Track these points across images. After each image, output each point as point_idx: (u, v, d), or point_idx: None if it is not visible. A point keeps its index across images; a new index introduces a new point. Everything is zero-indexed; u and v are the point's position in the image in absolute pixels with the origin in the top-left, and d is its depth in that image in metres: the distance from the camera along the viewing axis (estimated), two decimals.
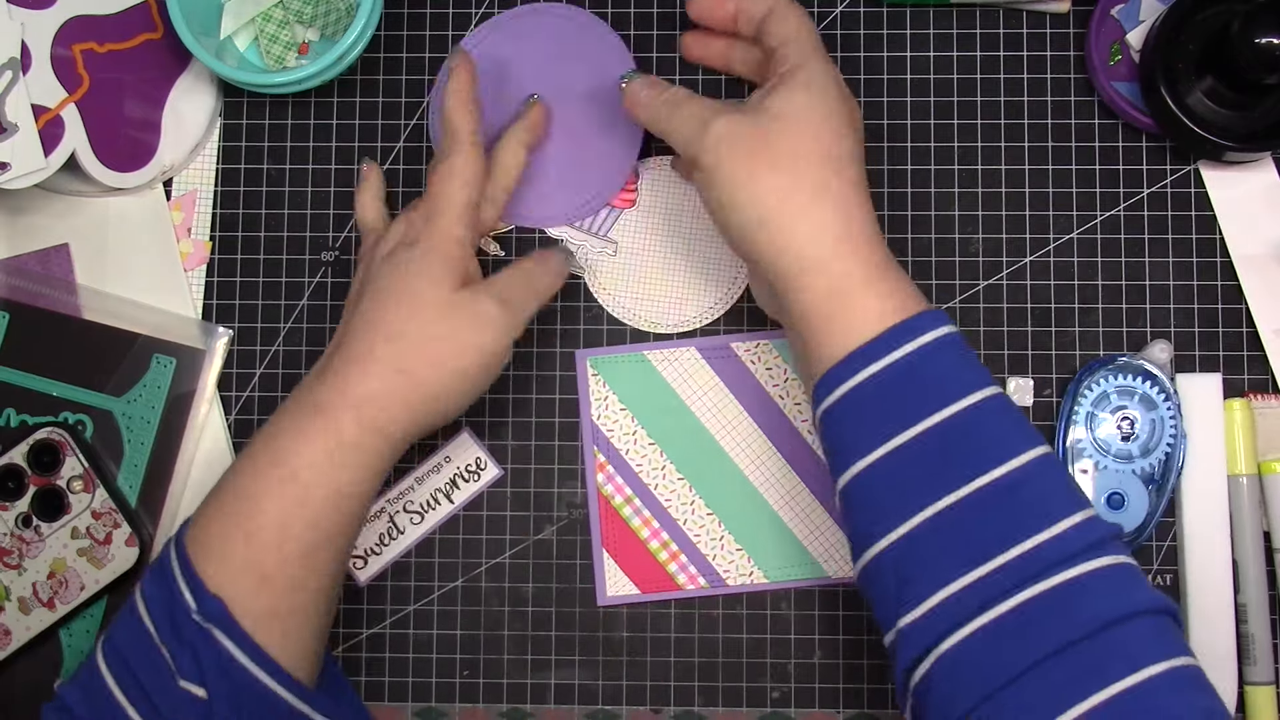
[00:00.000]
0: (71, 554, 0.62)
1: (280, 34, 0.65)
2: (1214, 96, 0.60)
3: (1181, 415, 0.60)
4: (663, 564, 0.63)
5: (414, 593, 0.64)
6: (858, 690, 0.62)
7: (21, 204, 0.65)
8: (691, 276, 0.64)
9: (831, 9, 0.65)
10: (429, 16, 0.66)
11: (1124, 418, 0.61)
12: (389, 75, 0.66)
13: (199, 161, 0.66)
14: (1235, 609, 0.60)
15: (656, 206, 0.65)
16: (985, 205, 0.64)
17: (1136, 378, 0.60)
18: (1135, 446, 0.61)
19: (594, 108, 0.64)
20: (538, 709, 0.63)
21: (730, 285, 0.64)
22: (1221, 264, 0.63)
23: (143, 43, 0.63)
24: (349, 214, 0.66)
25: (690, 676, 0.63)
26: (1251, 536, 0.61)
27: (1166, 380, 0.60)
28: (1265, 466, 0.61)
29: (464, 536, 0.64)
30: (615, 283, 0.65)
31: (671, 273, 0.64)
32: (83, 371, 0.64)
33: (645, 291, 0.64)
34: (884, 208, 0.64)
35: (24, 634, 0.62)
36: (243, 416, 0.65)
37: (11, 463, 0.62)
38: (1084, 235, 0.64)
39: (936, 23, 0.65)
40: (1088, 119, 0.64)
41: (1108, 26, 0.63)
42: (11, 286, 0.65)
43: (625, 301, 0.64)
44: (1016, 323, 0.63)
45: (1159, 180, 0.64)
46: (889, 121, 0.65)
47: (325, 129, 0.66)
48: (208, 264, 0.66)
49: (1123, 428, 0.61)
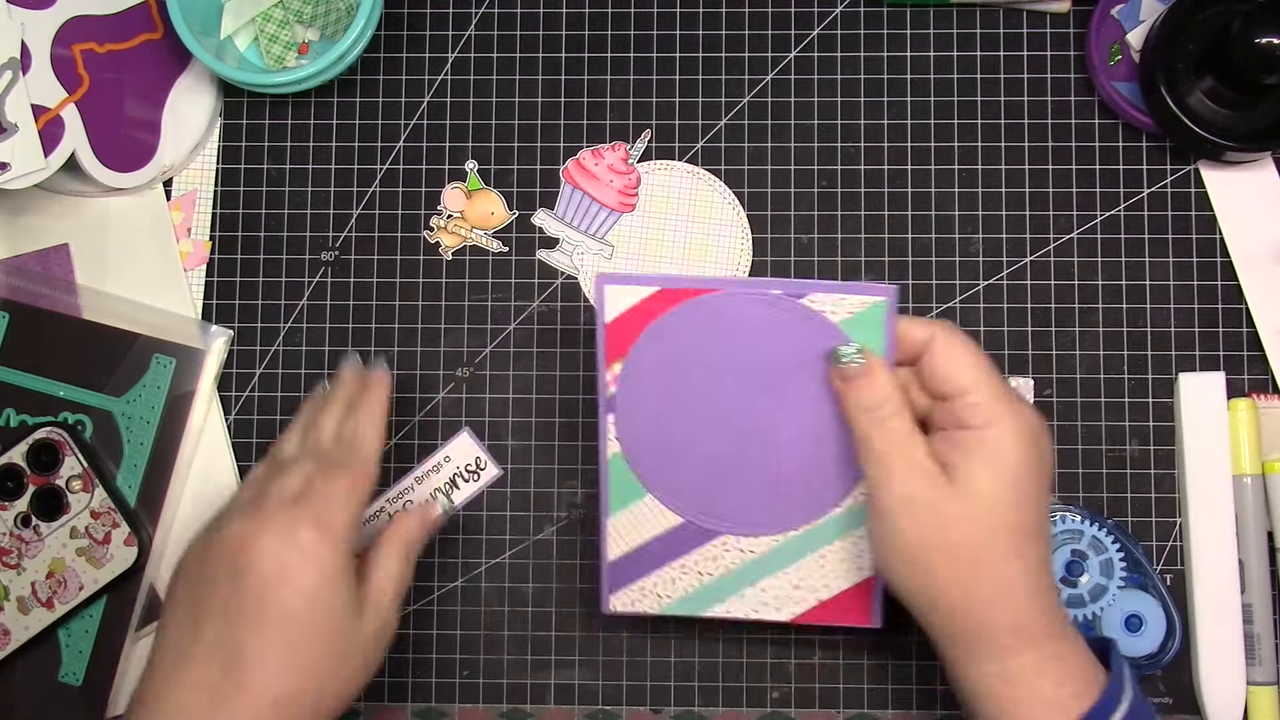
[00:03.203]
0: (70, 554, 0.62)
1: (280, 34, 0.65)
2: (1214, 96, 0.60)
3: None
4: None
5: (414, 593, 0.64)
6: (858, 690, 0.62)
7: (21, 204, 0.65)
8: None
9: (831, 9, 0.65)
10: (429, 16, 0.66)
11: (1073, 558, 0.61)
12: (389, 75, 0.66)
13: (199, 161, 0.66)
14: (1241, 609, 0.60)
15: (654, 211, 0.65)
16: (985, 205, 0.64)
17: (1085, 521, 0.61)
18: (1085, 591, 0.61)
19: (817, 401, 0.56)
20: (538, 709, 0.63)
21: None
22: (1221, 264, 0.63)
23: (143, 43, 0.63)
24: (349, 214, 0.66)
25: (690, 676, 0.63)
26: (1256, 537, 0.61)
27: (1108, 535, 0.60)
28: (1269, 466, 0.61)
29: (464, 536, 0.64)
30: None
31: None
32: (82, 371, 0.64)
33: None
34: (884, 208, 0.64)
35: (23, 634, 0.62)
36: (242, 416, 0.65)
37: (11, 462, 0.62)
38: (1084, 235, 0.64)
39: (936, 23, 0.65)
40: (1088, 119, 0.64)
41: (1108, 26, 0.63)
42: (11, 286, 0.65)
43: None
44: (1016, 323, 0.63)
45: (1159, 180, 0.64)
46: (889, 121, 0.65)
47: (325, 129, 0.66)
48: (208, 264, 0.66)
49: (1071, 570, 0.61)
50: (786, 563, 0.58)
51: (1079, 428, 0.63)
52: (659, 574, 0.59)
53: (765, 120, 0.65)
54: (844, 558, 0.57)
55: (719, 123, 0.65)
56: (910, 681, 0.62)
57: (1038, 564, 0.50)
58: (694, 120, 0.65)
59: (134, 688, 0.52)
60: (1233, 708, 0.60)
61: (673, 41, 0.66)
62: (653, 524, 0.58)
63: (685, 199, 0.65)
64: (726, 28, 0.66)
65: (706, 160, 0.65)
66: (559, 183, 0.65)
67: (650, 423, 0.57)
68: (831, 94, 0.65)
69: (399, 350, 0.65)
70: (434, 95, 0.66)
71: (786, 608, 0.58)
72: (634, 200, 0.65)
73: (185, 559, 0.53)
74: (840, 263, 0.64)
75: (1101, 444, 0.63)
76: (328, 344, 0.65)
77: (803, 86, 0.65)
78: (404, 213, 0.66)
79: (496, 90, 0.66)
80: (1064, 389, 0.63)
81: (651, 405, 0.57)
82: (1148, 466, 0.62)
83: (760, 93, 0.65)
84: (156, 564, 0.63)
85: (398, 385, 0.65)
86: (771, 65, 0.65)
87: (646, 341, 0.56)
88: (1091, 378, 0.63)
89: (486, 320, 0.65)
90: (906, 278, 0.64)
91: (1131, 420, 0.63)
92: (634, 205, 0.65)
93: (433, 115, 0.66)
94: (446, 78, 0.66)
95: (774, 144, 0.65)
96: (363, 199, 0.66)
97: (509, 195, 0.66)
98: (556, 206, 0.65)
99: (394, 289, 0.65)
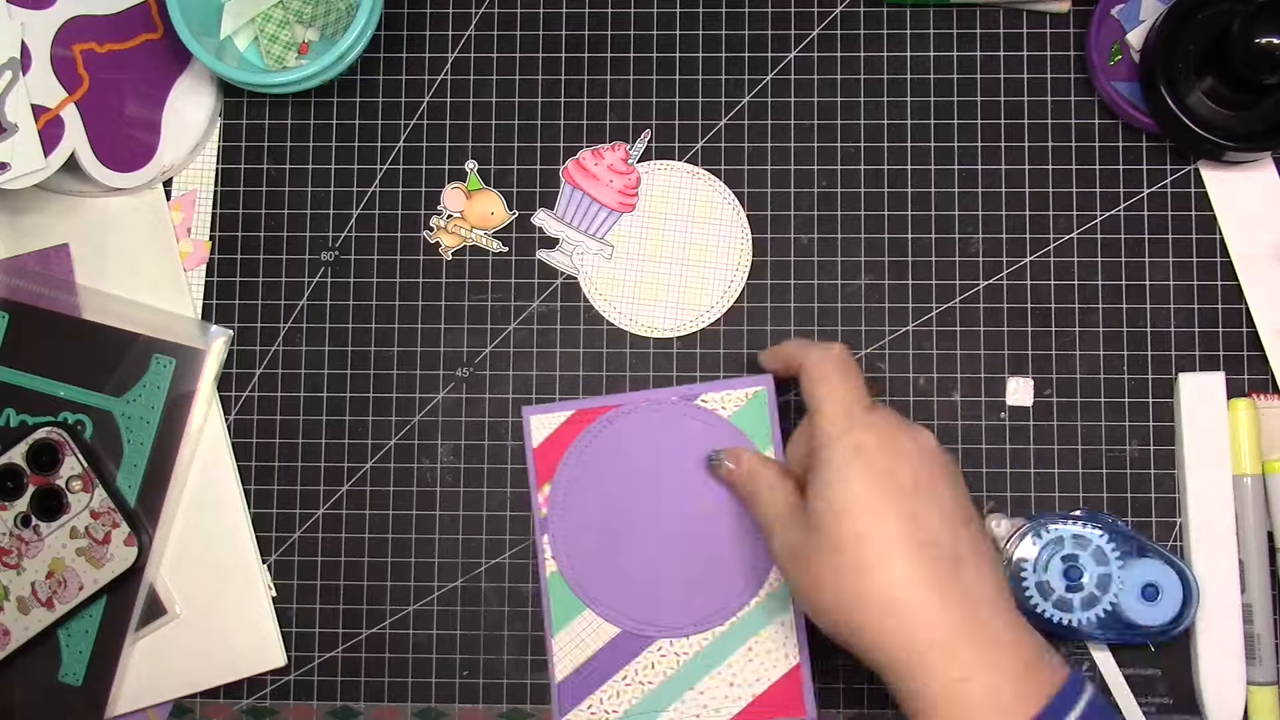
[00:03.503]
0: (70, 554, 0.62)
1: (280, 34, 0.65)
2: (1214, 96, 0.60)
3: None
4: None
5: (414, 593, 0.64)
6: (858, 690, 0.62)
7: (21, 204, 0.65)
8: (689, 281, 0.64)
9: (831, 9, 0.65)
10: (429, 16, 0.66)
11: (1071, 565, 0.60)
12: (389, 75, 0.66)
13: (199, 161, 0.66)
14: (1241, 609, 0.60)
15: (655, 211, 0.65)
16: (985, 205, 0.64)
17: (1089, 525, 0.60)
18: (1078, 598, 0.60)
19: (725, 512, 0.61)
20: (538, 709, 0.63)
21: (726, 289, 0.64)
22: (1221, 264, 0.63)
23: (143, 43, 0.63)
24: (349, 214, 0.66)
25: None
26: (1256, 537, 0.61)
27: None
28: (1269, 466, 0.61)
29: (464, 537, 0.64)
30: (611, 287, 0.65)
31: (668, 277, 0.64)
32: (82, 371, 0.64)
33: (641, 295, 0.64)
34: (884, 208, 0.64)
35: (22, 634, 0.62)
36: (242, 416, 0.65)
37: (11, 462, 0.62)
38: (1084, 235, 0.64)
39: (936, 23, 0.65)
40: (1088, 119, 0.64)
41: (1108, 26, 0.63)
42: (11, 286, 0.65)
43: (620, 306, 0.64)
44: (1016, 323, 0.63)
45: (1159, 180, 0.64)
46: (889, 121, 0.65)
47: (325, 129, 0.66)
48: (208, 264, 0.66)
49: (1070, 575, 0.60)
50: (719, 660, 0.61)
51: (1079, 428, 0.63)
52: (604, 689, 0.61)
53: (765, 120, 0.65)
54: (771, 646, 0.61)
55: (719, 123, 0.65)
56: None
57: (941, 574, 0.48)
58: (694, 120, 0.65)
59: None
60: (1233, 708, 0.60)
61: (673, 41, 0.66)
62: (594, 638, 0.61)
63: (685, 199, 0.65)
64: (726, 28, 0.66)
65: (706, 160, 0.65)
66: (559, 183, 0.65)
67: (580, 538, 0.61)
68: (831, 94, 0.65)
69: (399, 350, 0.65)
70: (434, 95, 0.66)
71: (725, 708, 0.60)
72: (634, 200, 0.65)
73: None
74: (840, 263, 0.64)
75: (1101, 444, 0.63)
76: (328, 344, 0.65)
77: (803, 86, 0.65)
78: (404, 213, 0.66)
79: (496, 90, 0.66)
80: (1064, 389, 0.63)
81: (579, 521, 0.61)
82: (1148, 466, 0.62)
83: (760, 93, 0.65)
84: (156, 564, 0.63)
85: (397, 385, 0.65)
86: (771, 65, 0.65)
87: (568, 462, 0.62)
88: (1091, 378, 0.63)
89: (486, 320, 0.65)
90: (906, 278, 0.64)
91: (1131, 420, 0.63)
92: (634, 205, 0.65)
93: (433, 115, 0.66)
94: (446, 78, 0.66)
95: (774, 144, 0.65)
96: (363, 199, 0.66)
97: (509, 195, 0.66)
98: (556, 206, 0.65)
99: (394, 289, 0.65)
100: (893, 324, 0.64)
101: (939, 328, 0.64)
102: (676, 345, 0.64)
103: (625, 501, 0.62)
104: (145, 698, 0.63)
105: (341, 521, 0.64)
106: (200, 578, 0.64)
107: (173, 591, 0.64)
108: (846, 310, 0.64)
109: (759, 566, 0.61)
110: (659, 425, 0.62)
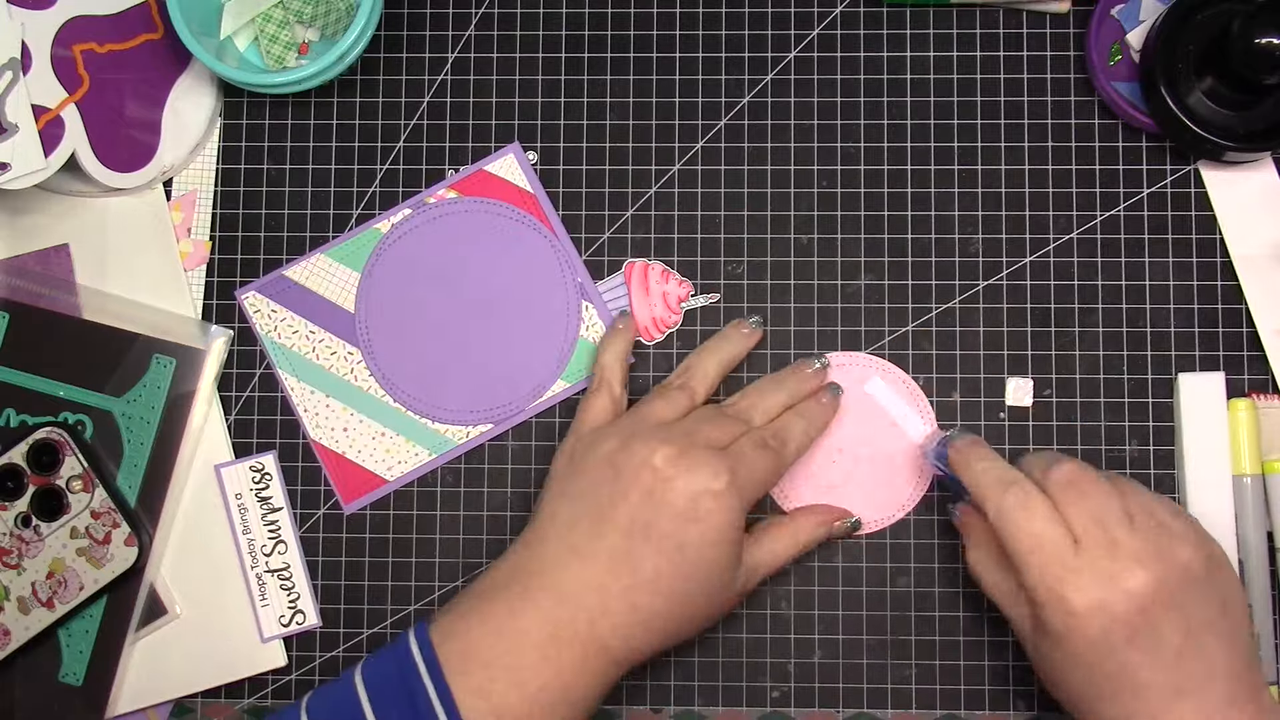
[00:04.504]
0: (70, 554, 0.62)
1: (280, 34, 0.66)
2: (1214, 96, 0.60)
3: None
4: None
5: (414, 593, 0.64)
6: (858, 690, 0.62)
7: (21, 204, 0.65)
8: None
9: (831, 9, 0.65)
10: (429, 16, 0.66)
11: None
12: (389, 75, 0.66)
13: (199, 161, 0.66)
14: None
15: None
16: (985, 205, 0.64)
17: None
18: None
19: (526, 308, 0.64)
20: None
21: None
22: (1221, 264, 0.63)
23: (143, 43, 0.63)
24: (349, 214, 0.66)
25: (690, 676, 0.63)
26: (1256, 537, 0.60)
27: None
28: (1269, 466, 0.61)
29: (464, 537, 0.64)
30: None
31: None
32: (82, 371, 0.64)
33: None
34: (884, 208, 0.64)
35: (23, 634, 0.62)
36: (242, 416, 0.65)
37: (11, 462, 0.62)
38: (1084, 235, 0.64)
39: (936, 23, 0.65)
40: (1088, 119, 0.64)
41: (1108, 26, 0.63)
42: (11, 286, 0.65)
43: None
44: (1016, 323, 0.63)
45: (1159, 180, 0.64)
46: (889, 121, 0.65)
47: (325, 129, 0.66)
48: (208, 264, 0.66)
49: None
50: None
51: (1079, 428, 0.63)
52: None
53: (765, 120, 0.65)
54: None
55: (719, 123, 0.65)
56: (910, 682, 0.62)
57: (1168, 655, 0.50)
58: (694, 120, 0.65)
59: (514, 549, 0.56)
60: None
61: (673, 41, 0.66)
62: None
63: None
64: (726, 28, 0.66)
65: (706, 160, 0.65)
66: (559, 183, 0.65)
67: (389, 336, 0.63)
68: (831, 94, 0.65)
69: None
70: (434, 95, 0.66)
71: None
72: (660, 336, 0.64)
73: (589, 459, 0.56)
74: (840, 263, 0.64)
75: (1101, 444, 0.63)
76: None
77: (802, 87, 0.65)
78: None
79: (496, 90, 0.66)
80: (1064, 389, 0.63)
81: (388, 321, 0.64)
82: (1148, 466, 0.62)
83: (760, 93, 0.65)
84: (156, 564, 0.63)
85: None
86: (771, 65, 0.65)
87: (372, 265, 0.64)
88: (1091, 378, 0.63)
89: None
90: (906, 278, 0.64)
91: (1131, 420, 0.63)
92: (655, 339, 0.64)
93: (433, 115, 0.66)
94: (446, 78, 0.66)
95: (774, 144, 0.65)
96: (363, 199, 0.66)
97: None
98: (602, 284, 0.65)
99: None
100: (893, 324, 0.64)
101: (939, 328, 0.64)
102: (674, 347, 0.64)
103: (426, 295, 0.64)
104: (146, 697, 0.63)
105: (342, 522, 0.64)
106: (200, 578, 0.64)
107: (173, 591, 0.64)
108: (846, 310, 0.64)
109: (561, 355, 0.63)
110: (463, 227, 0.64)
